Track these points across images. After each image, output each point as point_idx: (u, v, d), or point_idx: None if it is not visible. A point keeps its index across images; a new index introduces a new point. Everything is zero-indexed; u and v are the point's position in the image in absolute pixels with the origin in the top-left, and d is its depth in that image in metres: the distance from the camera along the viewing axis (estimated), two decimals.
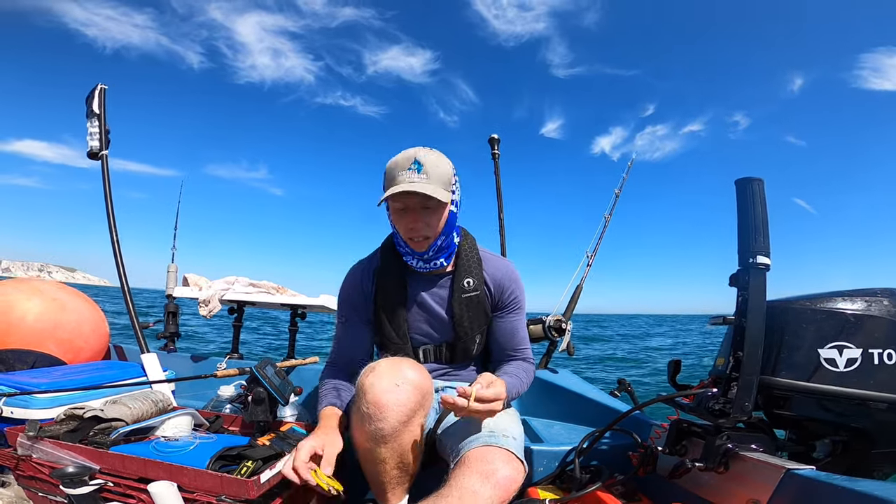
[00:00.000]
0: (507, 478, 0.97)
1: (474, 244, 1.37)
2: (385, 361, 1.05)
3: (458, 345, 1.34)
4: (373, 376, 1.01)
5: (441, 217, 1.21)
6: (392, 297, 1.32)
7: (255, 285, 2.75)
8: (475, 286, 1.30)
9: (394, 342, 1.33)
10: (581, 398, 1.91)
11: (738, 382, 1.09)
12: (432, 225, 1.20)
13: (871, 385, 1.06)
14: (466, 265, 1.32)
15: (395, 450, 1.02)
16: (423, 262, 1.28)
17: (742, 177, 1.15)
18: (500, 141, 2.82)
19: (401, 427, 0.99)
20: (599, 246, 2.51)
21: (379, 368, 1.02)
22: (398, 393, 0.98)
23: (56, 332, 1.85)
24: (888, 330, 1.09)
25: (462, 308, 1.30)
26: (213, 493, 0.98)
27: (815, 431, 1.19)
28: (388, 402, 0.97)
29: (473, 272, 1.31)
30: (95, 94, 2.19)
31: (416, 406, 1.01)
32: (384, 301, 1.33)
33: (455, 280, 1.31)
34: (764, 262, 1.10)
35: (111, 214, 2.09)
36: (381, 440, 0.99)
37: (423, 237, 1.21)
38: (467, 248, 1.34)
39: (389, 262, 1.34)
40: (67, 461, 1.07)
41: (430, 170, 1.15)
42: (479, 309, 1.31)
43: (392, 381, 0.99)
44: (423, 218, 1.19)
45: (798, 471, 0.91)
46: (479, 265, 1.33)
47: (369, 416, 0.98)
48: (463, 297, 1.30)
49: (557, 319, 2.20)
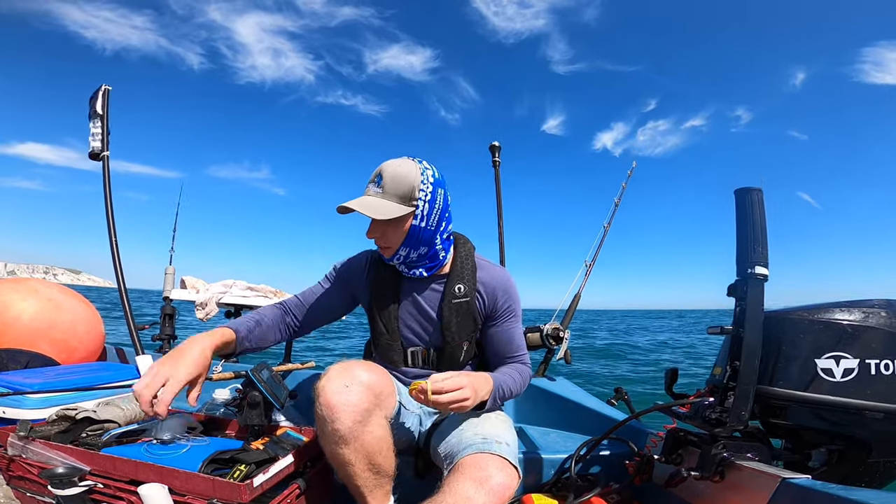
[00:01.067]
0: (501, 484, 0.97)
1: (471, 252, 1.37)
2: (338, 365, 1.07)
3: (445, 350, 1.33)
4: (325, 379, 1.03)
5: (399, 231, 1.21)
6: (386, 291, 1.34)
7: (253, 289, 2.75)
8: (465, 293, 1.31)
9: (384, 337, 1.33)
10: (578, 406, 1.90)
11: (735, 392, 1.09)
12: (387, 237, 1.23)
13: (868, 395, 1.06)
14: (460, 271, 1.32)
15: (358, 451, 1.02)
16: (404, 268, 1.30)
17: (741, 186, 1.15)
18: (500, 148, 2.83)
19: (357, 427, 1.00)
20: (598, 255, 2.51)
21: (331, 371, 1.05)
22: (348, 394, 1.00)
23: (50, 332, 1.84)
24: (885, 341, 1.09)
25: (451, 313, 1.30)
26: (204, 496, 0.97)
27: (811, 441, 1.19)
28: (337, 403, 0.99)
29: (466, 279, 1.31)
30: (99, 94, 2.20)
31: (369, 406, 1.02)
32: (379, 293, 1.34)
33: (447, 285, 1.32)
34: (762, 273, 1.10)
35: (110, 215, 2.10)
36: (341, 441, 1.01)
37: (384, 246, 1.25)
38: (463, 256, 1.35)
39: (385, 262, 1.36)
40: (58, 462, 1.06)
41: (388, 183, 1.18)
42: (469, 316, 1.31)
43: (342, 383, 1.01)
44: (377, 230, 1.23)
45: (793, 480, 0.91)
46: (472, 272, 1.33)
47: (323, 417, 1.01)
48: (453, 302, 1.30)
49: (555, 328, 2.20)
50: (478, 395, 1.12)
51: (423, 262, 1.29)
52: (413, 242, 1.23)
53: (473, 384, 1.10)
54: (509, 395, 1.27)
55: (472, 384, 1.09)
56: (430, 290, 1.33)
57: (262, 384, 1.22)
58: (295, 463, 1.13)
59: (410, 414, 1.27)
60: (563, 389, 2.08)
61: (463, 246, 1.37)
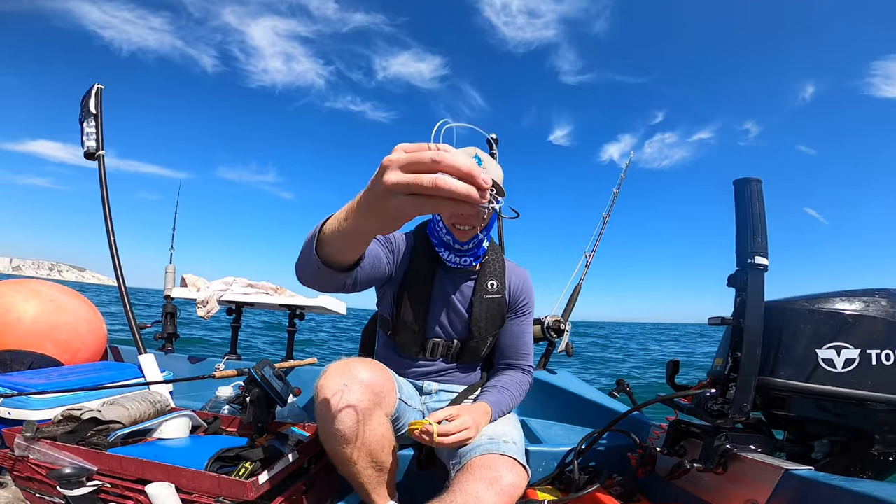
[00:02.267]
0: (511, 484, 0.98)
1: (500, 251, 1.42)
2: (337, 363, 1.07)
3: (469, 343, 1.34)
4: (324, 378, 1.03)
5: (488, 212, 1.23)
6: (421, 278, 1.32)
7: (254, 286, 2.75)
8: (498, 289, 1.34)
9: (409, 327, 1.32)
10: (580, 399, 1.91)
11: (737, 383, 1.09)
12: (481, 215, 1.21)
13: (869, 385, 1.06)
14: (492, 268, 1.35)
15: (360, 450, 1.03)
16: (455, 256, 1.29)
17: (740, 177, 1.15)
18: (499, 141, 2.80)
19: (358, 427, 1.00)
20: (598, 246, 2.51)
21: (330, 370, 1.04)
22: (347, 394, 1.00)
23: (53, 333, 1.84)
24: (886, 330, 1.09)
25: (482, 308, 1.32)
26: (210, 494, 0.98)
27: (813, 432, 1.20)
28: (337, 404, 0.99)
29: (497, 276, 1.35)
30: (92, 94, 2.19)
31: (369, 405, 1.02)
32: (413, 278, 1.31)
33: (479, 281, 1.34)
34: (762, 263, 1.10)
35: (108, 213, 2.09)
36: (342, 440, 1.01)
37: (470, 226, 1.23)
38: (494, 254, 1.38)
39: (422, 248, 1.34)
40: (65, 462, 1.07)
41: (488, 165, 1.22)
42: (498, 312, 1.34)
43: (340, 382, 1.01)
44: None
45: (796, 471, 0.92)
46: (502, 270, 1.37)
47: (324, 417, 1.01)
48: (485, 297, 1.33)
49: (556, 320, 2.20)
50: (479, 429, 1.13)
51: (474, 252, 1.31)
52: (488, 227, 1.29)
53: (476, 422, 1.11)
54: (506, 412, 1.29)
55: (475, 422, 1.11)
56: (462, 285, 1.35)
57: (265, 381, 1.22)
58: (299, 459, 1.13)
59: (412, 410, 1.28)
60: (565, 382, 2.09)
61: (492, 244, 1.40)
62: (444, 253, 1.30)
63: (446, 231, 1.27)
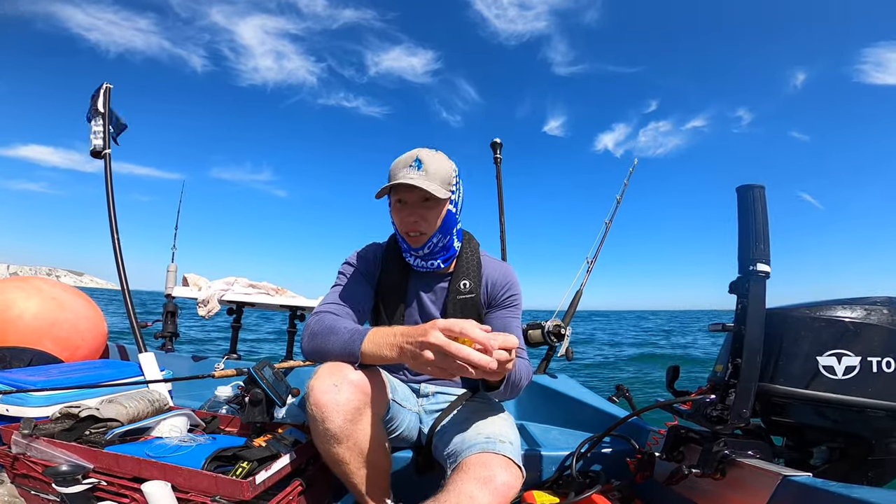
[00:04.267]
0: (505, 484, 0.97)
1: (477, 249, 1.38)
2: (327, 364, 1.07)
3: None
4: (314, 379, 1.03)
5: (438, 214, 1.22)
6: (393, 287, 1.33)
7: (255, 286, 2.75)
8: (471, 288, 1.31)
9: None
10: (579, 403, 1.90)
11: (736, 389, 1.09)
12: (429, 220, 1.22)
13: (870, 393, 1.06)
14: (465, 268, 1.33)
15: (351, 449, 1.03)
16: (420, 261, 1.29)
17: (743, 184, 1.15)
18: (502, 145, 2.82)
19: (348, 426, 1.00)
20: (600, 252, 2.51)
21: (320, 371, 1.04)
22: (337, 393, 1.00)
23: (53, 330, 1.85)
24: (887, 338, 1.08)
25: (455, 308, 1.30)
26: (207, 493, 0.98)
27: (812, 438, 1.19)
28: (327, 403, 0.99)
29: (471, 275, 1.32)
30: (101, 92, 2.21)
31: (359, 405, 1.02)
32: (387, 288, 1.33)
33: (452, 281, 1.32)
34: (764, 270, 1.10)
35: (112, 211, 2.10)
36: (333, 440, 1.01)
37: (419, 232, 1.23)
38: (469, 252, 1.35)
39: (394, 255, 1.35)
40: (61, 460, 1.07)
41: (430, 168, 1.18)
42: (473, 312, 1.32)
43: (331, 382, 1.01)
44: (419, 212, 1.21)
45: (794, 477, 0.91)
46: (477, 269, 1.34)
47: (314, 417, 1.01)
48: (458, 298, 1.31)
49: (557, 325, 2.20)
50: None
51: (442, 253, 1.29)
52: (444, 230, 1.25)
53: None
54: (517, 382, 1.17)
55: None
56: (435, 287, 1.34)
57: (264, 381, 1.22)
58: (297, 460, 1.13)
59: (407, 411, 1.28)
60: (565, 386, 2.08)
61: (468, 242, 1.38)
62: (410, 259, 1.30)
63: (401, 239, 1.27)
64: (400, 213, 1.23)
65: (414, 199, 1.21)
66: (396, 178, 1.18)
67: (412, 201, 1.21)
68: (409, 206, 1.22)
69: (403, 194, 1.21)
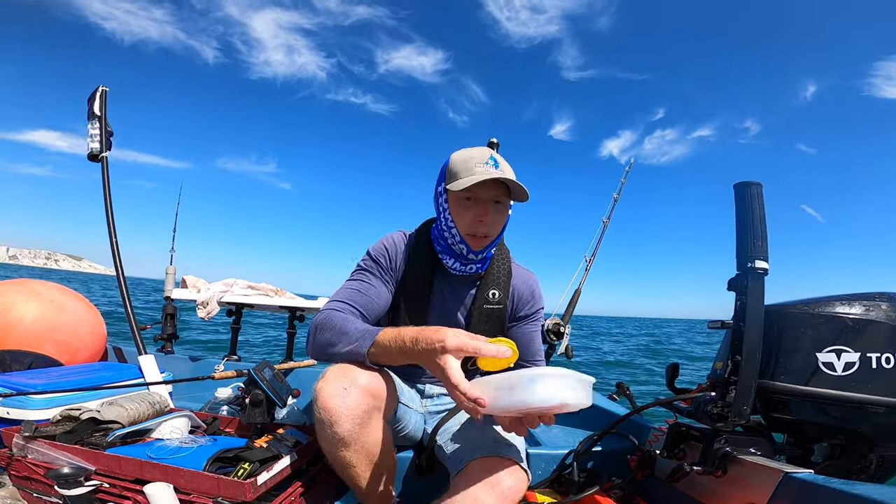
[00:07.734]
0: (512, 488, 0.97)
1: (508, 256, 1.33)
2: (336, 366, 1.04)
3: None
4: (322, 381, 1.01)
5: (506, 217, 1.19)
6: (417, 287, 1.26)
7: (254, 288, 2.75)
8: (499, 299, 1.27)
9: None
10: None
11: (737, 386, 1.09)
12: (498, 222, 1.17)
13: (869, 389, 1.06)
14: (496, 276, 1.27)
15: (358, 452, 1.01)
16: (460, 264, 1.23)
17: (740, 181, 1.15)
18: (499, 145, 2.82)
19: (356, 430, 0.98)
20: (598, 250, 2.51)
21: (329, 373, 1.02)
22: (346, 397, 0.98)
23: (53, 333, 1.84)
24: (887, 334, 1.09)
25: (481, 318, 1.26)
26: (209, 494, 0.98)
27: (813, 435, 1.20)
28: (335, 407, 0.97)
29: (501, 284, 1.27)
30: (97, 95, 2.20)
31: (368, 408, 1.00)
32: (411, 286, 1.26)
33: (481, 289, 1.27)
34: (762, 267, 1.10)
35: (111, 217, 2.09)
36: (341, 444, 0.99)
37: (484, 234, 1.17)
38: (500, 260, 1.30)
39: (424, 250, 1.28)
40: (63, 462, 1.07)
41: (505, 169, 1.15)
42: (497, 323, 1.28)
43: (340, 386, 0.99)
44: (492, 213, 1.15)
45: (796, 474, 0.91)
46: (507, 278, 1.28)
47: (322, 421, 0.98)
48: (484, 307, 1.26)
49: (556, 323, 2.20)
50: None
51: (483, 260, 1.25)
52: (502, 234, 1.22)
53: None
54: None
55: None
56: (461, 292, 1.29)
57: (265, 382, 1.22)
58: (298, 461, 1.13)
59: (412, 412, 1.27)
60: None
61: (500, 249, 1.31)
62: (448, 260, 1.24)
63: (460, 239, 1.19)
64: (470, 211, 1.15)
65: (489, 197, 1.15)
66: (474, 172, 1.11)
67: (486, 200, 1.15)
68: (482, 205, 1.15)
69: (477, 191, 1.13)
